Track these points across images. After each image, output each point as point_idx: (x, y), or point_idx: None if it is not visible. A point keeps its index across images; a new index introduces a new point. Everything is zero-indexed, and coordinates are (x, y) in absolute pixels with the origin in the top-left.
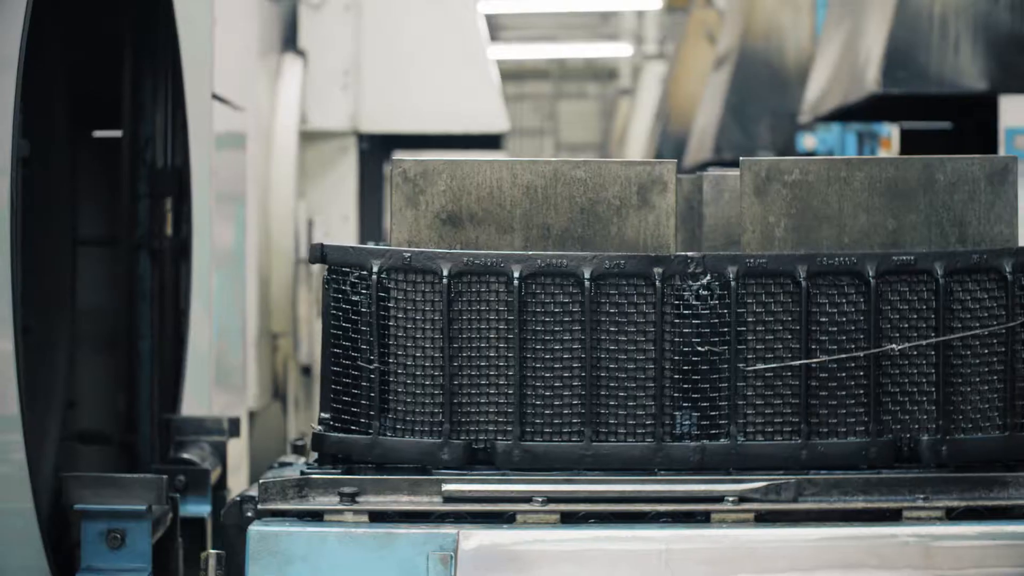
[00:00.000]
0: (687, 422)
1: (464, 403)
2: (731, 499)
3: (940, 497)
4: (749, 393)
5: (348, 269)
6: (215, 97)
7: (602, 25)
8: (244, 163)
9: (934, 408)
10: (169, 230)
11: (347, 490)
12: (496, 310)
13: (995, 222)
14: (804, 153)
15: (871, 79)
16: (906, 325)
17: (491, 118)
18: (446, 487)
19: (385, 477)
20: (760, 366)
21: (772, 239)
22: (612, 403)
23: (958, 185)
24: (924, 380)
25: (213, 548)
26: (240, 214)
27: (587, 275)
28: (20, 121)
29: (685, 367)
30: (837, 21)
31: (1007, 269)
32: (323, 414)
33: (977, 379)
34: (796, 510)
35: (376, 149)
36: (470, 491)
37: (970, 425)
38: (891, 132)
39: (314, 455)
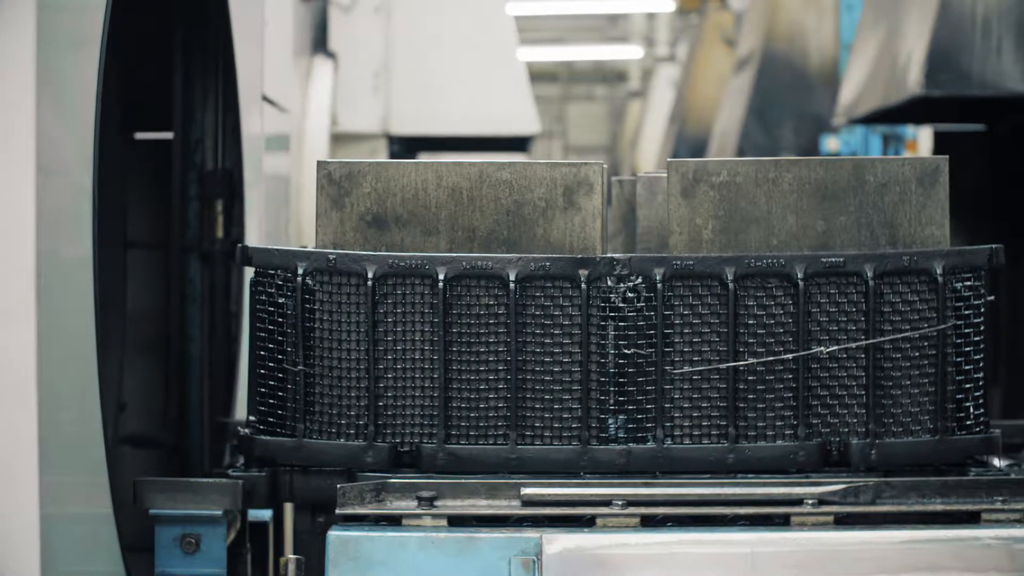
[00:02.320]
0: (614, 425)
1: (389, 406)
2: (810, 502)
3: (1018, 499)
4: (676, 396)
5: (274, 271)
6: (263, 98)
7: (610, 28)
8: (288, 165)
9: (864, 411)
10: (220, 232)
11: (425, 494)
12: (421, 312)
13: (926, 224)
14: (828, 155)
15: (913, 81)
16: (835, 328)
17: (521, 120)
18: (525, 491)
19: (463, 481)
20: (687, 369)
21: (700, 241)
22: (537, 406)
23: (889, 186)
24: (854, 383)
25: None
26: (288, 217)
27: (512, 277)
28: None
29: (611, 370)
30: (873, 23)
31: (938, 271)
32: (250, 417)
33: (908, 382)
34: (874, 512)
35: (406, 151)
36: (549, 495)
37: (900, 428)
38: (916, 134)
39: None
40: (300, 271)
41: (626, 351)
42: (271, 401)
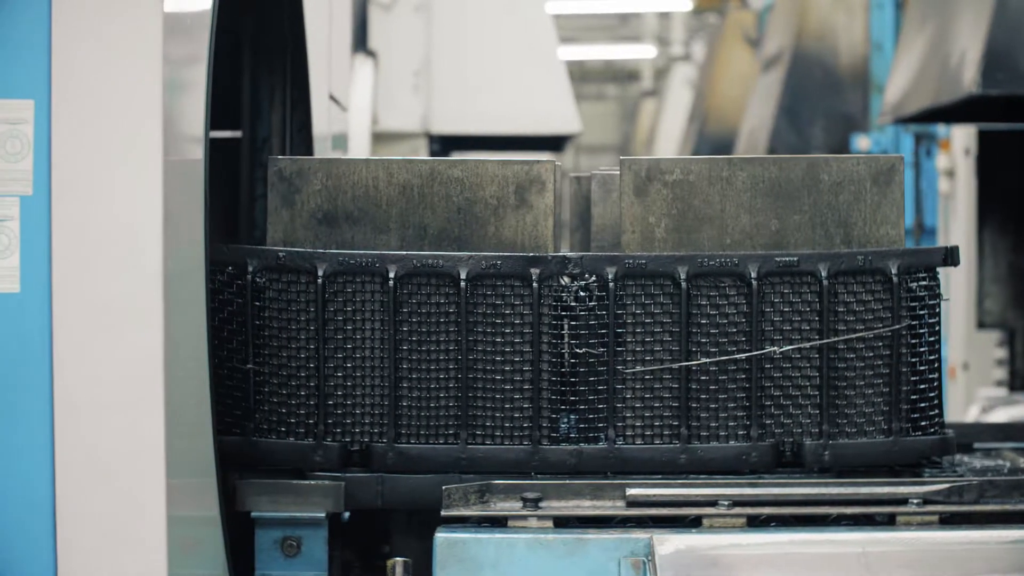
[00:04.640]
0: (566, 425)
1: (339, 404)
2: (915, 501)
3: None
4: (628, 396)
5: (224, 269)
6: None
7: (621, 27)
8: None
9: (818, 412)
10: None
11: (530, 495)
12: (371, 310)
13: (881, 223)
14: (859, 154)
15: (968, 80)
16: (789, 327)
17: (563, 119)
18: (630, 491)
19: (567, 482)
20: (639, 368)
21: (653, 240)
22: (488, 406)
23: (843, 185)
24: (807, 383)
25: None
26: None
27: (463, 275)
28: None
29: (562, 369)
30: (920, 23)
31: (893, 271)
32: None
33: (862, 383)
34: (978, 512)
35: (447, 150)
36: (655, 495)
37: (854, 429)
38: (949, 133)
39: None
40: (250, 268)
41: (578, 350)
42: (221, 399)
